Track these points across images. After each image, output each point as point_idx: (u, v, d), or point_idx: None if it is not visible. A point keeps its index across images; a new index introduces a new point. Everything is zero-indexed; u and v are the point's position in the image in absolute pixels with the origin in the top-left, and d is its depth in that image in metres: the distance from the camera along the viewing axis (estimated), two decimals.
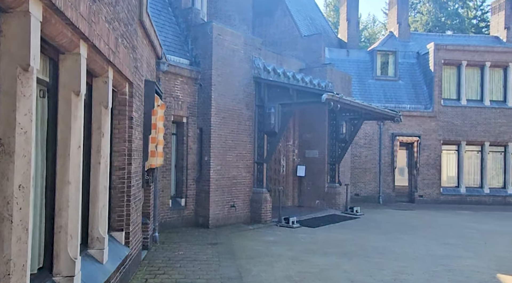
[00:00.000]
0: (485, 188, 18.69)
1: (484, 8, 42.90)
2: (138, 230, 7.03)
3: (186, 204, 11.18)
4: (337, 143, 15.53)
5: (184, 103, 11.15)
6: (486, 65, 18.75)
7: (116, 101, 6.10)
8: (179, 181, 11.27)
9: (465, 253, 8.98)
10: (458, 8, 44.11)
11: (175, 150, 11.37)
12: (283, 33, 19.50)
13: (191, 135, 11.34)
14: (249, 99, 12.26)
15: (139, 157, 6.90)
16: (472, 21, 42.94)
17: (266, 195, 12.12)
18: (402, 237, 10.59)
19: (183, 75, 11.05)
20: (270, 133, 12.06)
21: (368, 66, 20.00)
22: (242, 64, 12.01)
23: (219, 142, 11.32)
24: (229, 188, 11.56)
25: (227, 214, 11.50)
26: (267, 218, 12.04)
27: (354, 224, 12.54)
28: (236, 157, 11.80)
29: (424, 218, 14.36)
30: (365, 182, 18.52)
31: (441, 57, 18.61)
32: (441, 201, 18.43)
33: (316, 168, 15.70)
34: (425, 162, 18.55)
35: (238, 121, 11.90)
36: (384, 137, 18.54)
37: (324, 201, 15.51)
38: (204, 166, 11.20)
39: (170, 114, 10.70)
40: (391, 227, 12.15)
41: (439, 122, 18.64)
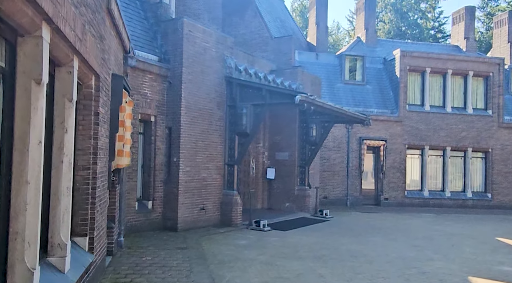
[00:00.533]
0: (446, 192, 19.29)
1: (441, 20, 45.00)
2: (103, 234, 6.52)
3: (154, 206, 10.66)
4: (307, 145, 15.48)
5: (153, 101, 10.64)
6: (448, 72, 19.40)
7: (81, 94, 5.60)
8: (146, 182, 10.73)
9: (434, 255, 9.06)
10: (417, 19, 45.99)
11: (142, 150, 10.82)
12: (253, 33, 19.30)
13: (160, 134, 10.84)
14: (221, 99, 11.92)
15: (105, 156, 6.40)
16: (430, 31, 44.86)
17: (236, 198, 11.79)
18: (373, 240, 10.59)
19: (152, 72, 10.55)
20: (242, 134, 11.77)
21: (337, 70, 20.18)
22: (213, 62, 11.66)
23: (189, 143, 10.90)
24: (198, 190, 11.14)
25: (196, 217, 11.07)
26: (237, 221, 11.71)
27: (325, 227, 12.46)
28: (206, 158, 11.41)
29: (391, 220, 14.54)
30: (334, 185, 18.61)
31: (407, 63, 19.07)
32: (406, 204, 18.83)
33: (286, 170, 15.56)
34: (391, 166, 18.90)
35: (209, 121, 11.53)
36: (352, 140, 18.73)
37: (294, 204, 15.38)
38: (173, 167, 10.73)
39: (137, 112, 10.17)
40: (362, 230, 12.16)
41: (404, 127, 19.07)
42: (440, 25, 45.26)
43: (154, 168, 10.71)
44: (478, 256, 9.10)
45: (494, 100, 19.61)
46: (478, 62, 19.61)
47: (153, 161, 10.72)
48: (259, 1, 20.15)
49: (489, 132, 19.56)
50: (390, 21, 44.26)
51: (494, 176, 19.59)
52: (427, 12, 45.76)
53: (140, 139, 10.73)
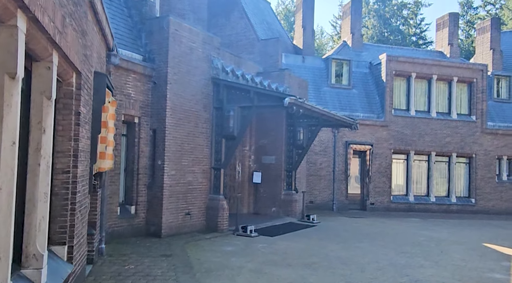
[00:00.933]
0: (431, 197, 19.37)
1: (422, 27, 45.84)
2: (83, 242, 6.11)
3: (137, 211, 10.24)
4: (294, 149, 15.27)
5: (137, 102, 10.25)
6: (433, 78, 19.55)
7: (61, 93, 5.22)
8: (129, 186, 10.30)
9: (425, 262, 8.93)
10: (399, 25, 46.74)
11: (125, 152, 10.40)
12: (239, 35, 19.05)
13: (144, 136, 10.45)
14: (207, 100, 11.60)
15: (86, 159, 6.01)
16: (412, 38, 45.63)
17: (223, 202, 11.47)
18: (362, 246, 10.41)
19: (136, 71, 10.17)
20: (229, 137, 11.47)
21: (323, 73, 20.10)
22: (200, 63, 11.34)
23: (174, 145, 10.53)
24: (184, 194, 10.78)
25: (181, 222, 10.69)
26: (223, 227, 11.38)
27: (312, 233, 12.23)
28: (192, 161, 11.05)
29: (378, 226, 14.44)
30: (320, 190, 18.45)
31: (393, 68, 19.13)
32: (391, 209, 18.81)
33: (272, 174, 15.31)
34: (377, 170, 18.87)
35: (195, 123, 11.19)
36: (338, 144, 18.63)
37: (280, 208, 15.13)
38: (157, 171, 10.35)
39: (120, 113, 9.76)
40: (349, 236, 11.98)
41: (390, 131, 19.09)
42: (422, 31, 46.10)
43: (137, 171, 10.30)
44: (468, 263, 9.00)
45: (477, 106, 19.84)
46: (462, 68, 19.83)
47: (137, 164, 10.31)
48: (246, 3, 19.92)
49: (472, 138, 19.77)
50: (374, 27, 44.82)
51: (477, 181, 19.78)
52: (409, 18, 46.55)
53: (123, 141, 10.32)
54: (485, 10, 43.83)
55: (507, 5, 41.46)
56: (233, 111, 11.34)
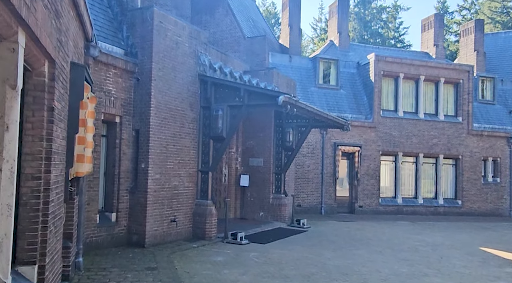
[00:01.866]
0: (419, 199, 19.12)
1: (401, 31, 46.31)
2: (57, 259, 5.29)
3: (118, 219, 9.38)
4: (283, 151, 14.66)
5: (118, 100, 9.41)
6: (421, 78, 19.34)
7: (31, 84, 4.42)
8: (109, 192, 9.44)
9: (428, 270, 8.44)
10: (379, 28, 47.09)
11: (105, 155, 9.54)
12: (224, 33, 18.37)
13: (125, 137, 9.61)
14: (194, 99, 10.85)
15: (61, 162, 5.20)
16: (391, 41, 46.00)
17: (211, 208, 10.72)
18: (359, 253, 9.86)
19: (117, 67, 9.33)
20: (217, 138, 10.74)
21: (310, 73, 19.60)
22: (186, 58, 10.59)
23: (159, 147, 9.74)
24: (169, 200, 9.98)
25: (166, 230, 9.89)
26: (212, 234, 10.63)
27: (304, 239, 11.62)
28: (178, 164, 10.27)
29: (370, 230, 13.97)
30: (307, 193, 17.90)
31: (381, 68, 18.81)
32: (380, 212, 18.44)
33: (260, 177, 14.65)
34: (365, 173, 18.48)
35: (181, 123, 10.41)
36: (326, 146, 18.15)
37: (268, 213, 14.48)
38: (141, 175, 9.52)
39: (100, 112, 8.90)
40: (343, 242, 11.43)
41: (378, 133, 18.74)
42: (400, 35, 46.57)
43: (118, 175, 9.44)
44: (472, 270, 8.56)
45: (464, 107, 19.75)
46: (448, 69, 19.70)
47: (118, 168, 9.46)
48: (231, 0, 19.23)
49: (459, 139, 19.65)
50: (354, 29, 44.97)
51: (464, 183, 19.67)
52: (388, 22, 46.94)
53: (103, 142, 9.45)
54: (461, 15, 44.51)
55: (482, 10, 42.20)
56: (222, 110, 10.62)
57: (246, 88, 10.41)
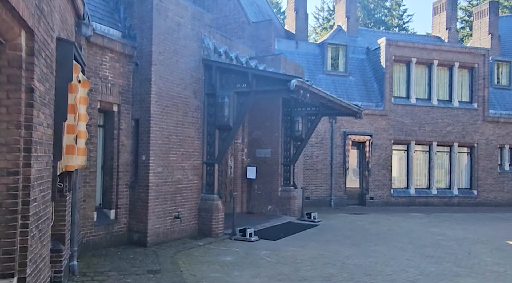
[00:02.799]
0: (432, 189, 18.34)
1: (404, 18, 45.16)
2: (43, 267, 4.55)
3: (117, 216, 8.64)
4: (292, 141, 13.88)
5: (115, 86, 8.61)
6: (434, 63, 18.44)
7: (4, 59, 3.65)
8: (107, 187, 8.69)
9: (458, 269, 7.69)
10: (382, 16, 45.91)
11: (103, 147, 8.78)
12: (228, 18, 17.45)
13: (124, 127, 8.83)
14: (198, 85, 10.05)
15: (46, 154, 4.44)
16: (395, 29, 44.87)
17: (217, 203, 9.98)
18: (378, 250, 9.12)
19: (114, 50, 8.52)
20: (223, 127, 9.96)
21: (318, 60, 18.72)
22: (189, 41, 9.76)
23: (161, 138, 8.96)
24: (172, 195, 9.24)
25: (170, 227, 9.16)
26: (218, 231, 9.91)
27: (317, 234, 10.89)
28: (181, 156, 9.51)
29: (384, 223, 13.23)
30: (316, 184, 17.15)
31: (392, 53, 17.91)
32: (392, 203, 17.70)
33: (268, 169, 13.90)
34: (376, 163, 17.70)
35: (184, 112, 9.63)
36: (336, 135, 17.34)
37: (277, 206, 13.76)
38: (141, 168, 8.76)
39: (96, 100, 8.13)
40: (359, 237, 10.70)
41: (390, 121, 17.91)
42: (404, 23, 45.48)
43: (117, 169, 8.69)
44: (507, 268, 7.82)
45: (479, 93, 18.86)
46: (463, 52, 18.77)
47: (116, 161, 8.70)
48: None
49: (474, 127, 18.80)
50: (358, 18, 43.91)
51: (479, 172, 18.86)
52: (392, 9, 45.79)
53: (100, 133, 8.68)
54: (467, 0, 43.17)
55: None
56: (228, 97, 9.82)
57: (255, 72, 9.59)
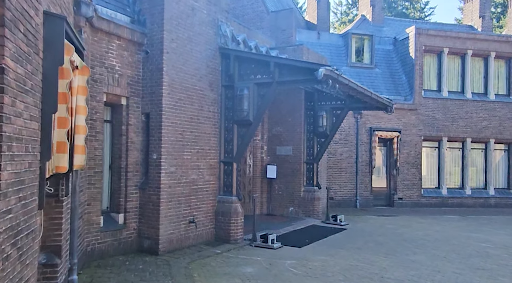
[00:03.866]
0: (466, 189, 17.04)
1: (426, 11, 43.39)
2: None
3: (126, 221, 7.83)
4: (315, 137, 12.88)
5: (123, 77, 7.78)
6: (468, 53, 17.10)
7: None
8: (115, 189, 7.88)
9: None
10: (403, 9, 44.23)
11: (110, 144, 7.97)
12: (245, 8, 16.55)
13: (133, 123, 8.00)
14: (214, 76, 9.14)
15: (28, 152, 3.59)
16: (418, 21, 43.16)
17: (236, 206, 9.07)
18: (419, 260, 8.06)
19: (121, 37, 7.68)
20: (242, 122, 9.03)
21: (341, 51, 17.60)
22: (204, 28, 8.86)
23: (174, 134, 8.10)
24: (187, 197, 8.37)
25: (184, 233, 8.30)
26: (237, 236, 9.00)
27: (346, 240, 9.88)
28: (196, 154, 8.63)
29: (417, 227, 12.11)
30: (340, 184, 16.09)
31: (422, 42, 16.66)
32: (422, 204, 16.50)
33: (289, 168, 12.95)
34: (405, 161, 16.51)
35: (200, 106, 8.74)
36: (361, 132, 16.23)
37: (299, 208, 12.79)
38: (152, 167, 7.92)
39: (102, 92, 7.31)
40: (393, 243, 9.64)
41: (420, 115, 16.69)
42: (426, 16, 43.76)
43: (126, 168, 7.86)
44: None
45: None
46: (500, 41, 17.35)
47: (125, 160, 7.88)
48: None
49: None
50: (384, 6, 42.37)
51: None
52: (414, 2, 44.11)
53: (107, 129, 7.87)
54: None
55: None
56: (248, 89, 8.89)
57: (277, 61, 8.61)
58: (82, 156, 5.11)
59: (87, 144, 6.90)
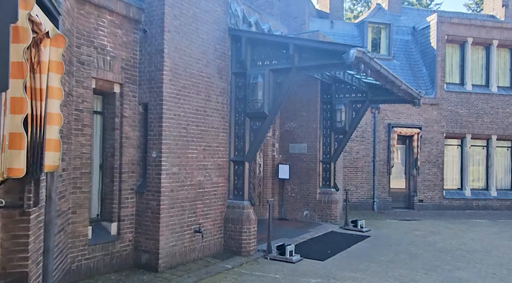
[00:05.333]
0: (491, 191, 15.76)
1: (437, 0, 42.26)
2: None
3: (120, 231, 6.59)
4: (332, 134, 11.62)
5: (116, 60, 6.53)
6: (493, 44, 15.79)
7: None
8: (107, 193, 6.64)
9: None
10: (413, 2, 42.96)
11: (101, 140, 6.72)
12: None
13: (129, 115, 6.75)
14: (223, 62, 7.89)
15: None
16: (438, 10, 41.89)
17: (248, 212, 7.82)
18: (467, 278, 6.81)
19: (114, 11, 6.43)
20: (256, 115, 7.78)
21: (356, 41, 16.30)
22: (212, 5, 7.60)
23: (176, 128, 6.85)
24: (192, 202, 7.13)
25: (188, 245, 7.06)
26: (250, 247, 7.76)
27: (373, 250, 8.62)
28: (203, 152, 7.38)
29: (447, 233, 10.85)
30: (356, 185, 14.82)
31: (445, 32, 15.36)
32: (444, 207, 15.22)
33: (304, 167, 11.71)
34: (426, 160, 15.23)
35: (206, 95, 7.49)
36: (379, 128, 14.95)
37: (314, 212, 11.56)
38: (151, 168, 6.67)
39: (90, 77, 6.06)
40: (429, 255, 8.38)
41: (442, 111, 15.40)
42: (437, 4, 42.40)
43: (119, 169, 6.62)
44: None
45: None
46: None
47: (119, 158, 6.63)
48: None
49: None
50: None
51: None
52: None
53: (97, 121, 6.63)
54: None
55: None
56: (262, 77, 7.63)
57: (297, 43, 7.33)
58: (56, 153, 3.87)
59: (72, 139, 5.66)
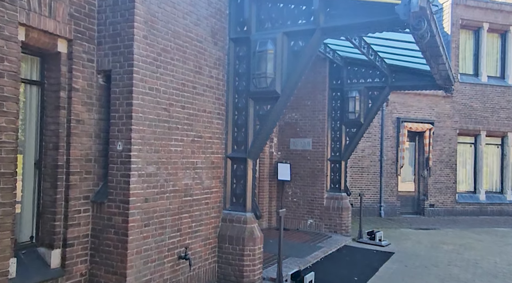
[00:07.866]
0: (507, 194, 14.21)
1: None
2: None
3: (66, 262, 4.36)
4: (344, 127, 9.69)
5: (61, 3, 4.31)
6: (510, 30, 14.25)
7: None
8: (46, 204, 4.40)
9: None
10: None
11: (37, 124, 4.48)
12: None
13: (82, 87, 4.53)
14: (219, 23, 5.76)
15: None
16: None
17: (252, 228, 5.73)
18: None
19: None
20: (264, 96, 5.69)
21: None
22: None
23: (154, 109, 4.68)
24: (175, 216, 4.97)
25: (170, 276, 4.91)
26: (254, 276, 5.67)
27: (409, 277, 6.69)
28: (190, 145, 5.24)
29: (480, 246, 9.11)
30: (362, 187, 12.94)
31: (459, 15, 13.70)
32: (457, 212, 13.56)
33: (308, 167, 9.75)
34: (438, 159, 13.54)
35: (197, 66, 5.35)
36: (387, 123, 13.13)
37: (321, 220, 9.61)
38: (116, 166, 4.47)
39: (15, 23, 3.84)
40: (480, 281, 6.52)
41: (455, 104, 13.73)
42: None
43: (67, 167, 4.40)
44: None
45: None
46: None
47: (65, 152, 4.41)
48: None
49: None
50: None
51: None
52: None
53: (31, 95, 4.39)
54: None
55: None
56: (273, 42, 5.54)
57: None
58: None
59: None
